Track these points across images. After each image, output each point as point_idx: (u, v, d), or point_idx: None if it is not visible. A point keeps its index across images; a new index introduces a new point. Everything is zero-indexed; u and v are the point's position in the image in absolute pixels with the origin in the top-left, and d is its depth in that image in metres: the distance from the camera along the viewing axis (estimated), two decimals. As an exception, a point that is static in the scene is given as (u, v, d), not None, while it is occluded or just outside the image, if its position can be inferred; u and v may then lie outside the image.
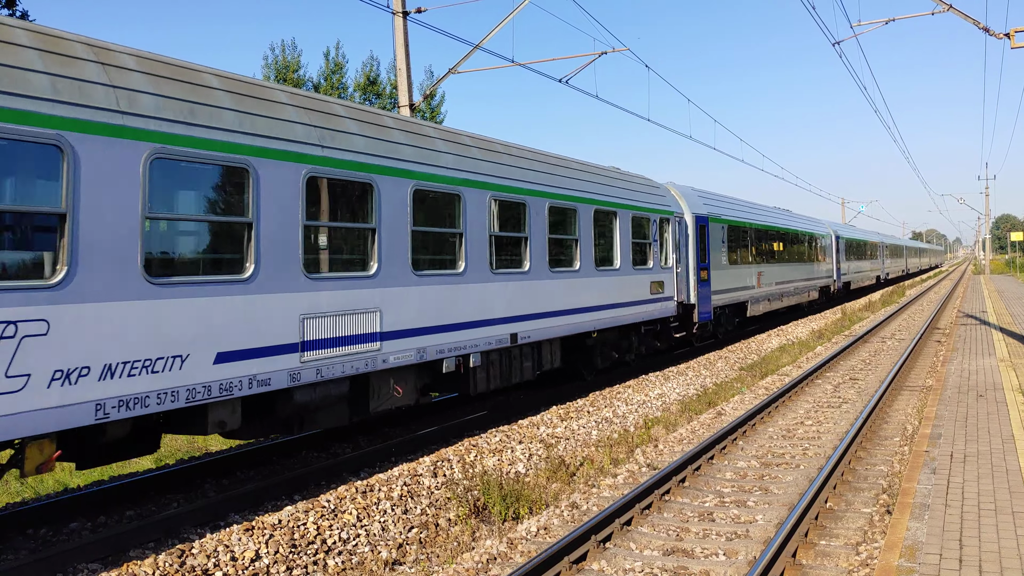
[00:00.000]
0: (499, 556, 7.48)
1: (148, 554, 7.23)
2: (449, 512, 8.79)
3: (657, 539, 7.77)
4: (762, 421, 13.16)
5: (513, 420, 13.12)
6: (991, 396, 12.80)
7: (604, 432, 12.53)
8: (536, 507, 8.97)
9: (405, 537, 8.13)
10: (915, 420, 12.76)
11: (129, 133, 7.03)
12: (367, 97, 37.31)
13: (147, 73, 7.47)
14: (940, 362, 18.19)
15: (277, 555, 7.36)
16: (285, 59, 35.78)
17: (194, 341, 7.47)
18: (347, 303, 9.26)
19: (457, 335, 11.12)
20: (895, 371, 16.92)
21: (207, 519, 8.19)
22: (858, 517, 8.21)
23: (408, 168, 10.31)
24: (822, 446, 11.44)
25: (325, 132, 9.19)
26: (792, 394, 15.42)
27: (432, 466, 10.18)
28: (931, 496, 7.69)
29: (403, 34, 17.78)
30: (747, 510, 8.66)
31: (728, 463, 10.69)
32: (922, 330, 25.77)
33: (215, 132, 7.79)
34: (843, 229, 45.56)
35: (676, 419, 13.56)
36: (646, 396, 15.51)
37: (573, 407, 14.24)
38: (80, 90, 6.72)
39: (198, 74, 8.07)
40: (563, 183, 14.29)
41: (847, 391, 16.02)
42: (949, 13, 17.35)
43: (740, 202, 27.04)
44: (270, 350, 8.26)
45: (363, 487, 9.24)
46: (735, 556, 7.35)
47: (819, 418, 13.42)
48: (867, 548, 7.30)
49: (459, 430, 12.26)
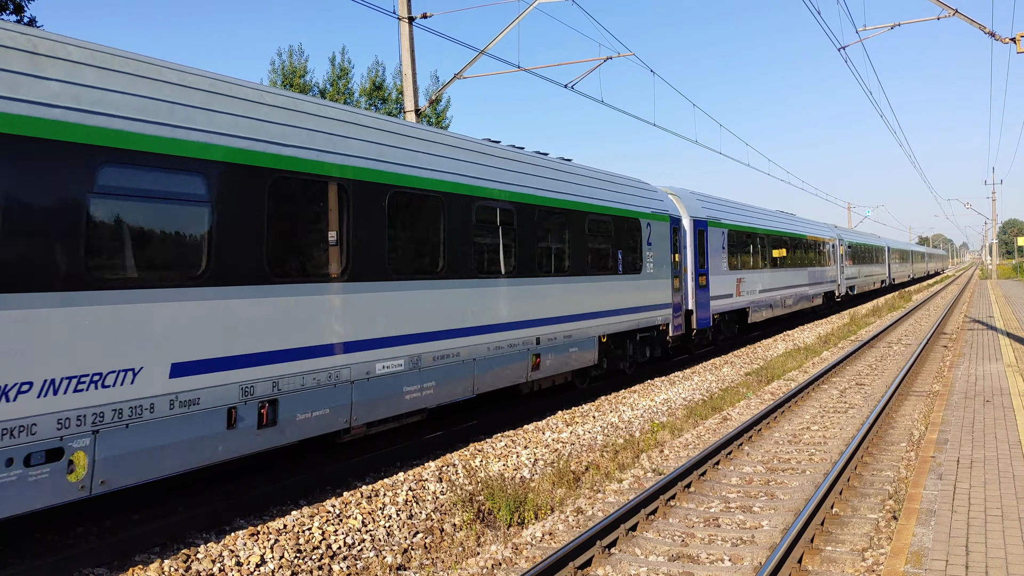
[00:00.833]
0: (504, 561, 7.48)
1: (153, 559, 7.24)
2: (454, 517, 8.79)
3: (663, 545, 7.76)
4: (768, 426, 13.13)
5: (519, 425, 13.11)
6: (998, 401, 12.75)
7: (610, 437, 12.52)
8: (541, 512, 8.96)
9: (410, 542, 8.13)
10: (922, 425, 12.72)
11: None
12: (372, 102, 37.41)
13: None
14: (947, 367, 18.13)
15: (282, 560, 7.36)
16: (292, 64, 35.93)
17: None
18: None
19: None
20: (902, 376, 16.87)
21: (212, 524, 8.19)
22: (864, 523, 8.18)
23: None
24: (828, 451, 11.40)
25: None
26: (798, 399, 15.39)
27: (437, 471, 10.19)
28: (937, 502, 7.67)
29: (409, 39, 17.83)
30: (753, 516, 8.64)
31: (734, 468, 10.67)
32: (929, 335, 25.69)
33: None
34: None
35: (682, 424, 13.53)
36: (652, 401, 15.49)
37: (579, 412, 14.23)
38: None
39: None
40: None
41: (853, 396, 15.97)
42: (955, 18, 17.34)
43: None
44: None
45: (368, 492, 9.24)
46: (741, 562, 7.33)
47: (825, 423, 13.39)
48: (873, 554, 7.28)
49: (464, 435, 12.26)
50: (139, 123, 7.05)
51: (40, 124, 6.30)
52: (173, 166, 7.30)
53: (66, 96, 6.53)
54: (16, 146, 6.15)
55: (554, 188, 14.11)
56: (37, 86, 6.36)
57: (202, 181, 7.58)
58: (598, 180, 16.13)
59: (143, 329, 6.96)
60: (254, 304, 8.00)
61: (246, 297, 7.92)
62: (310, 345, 8.64)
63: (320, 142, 9.04)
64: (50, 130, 6.36)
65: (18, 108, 6.19)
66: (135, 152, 6.98)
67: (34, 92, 6.33)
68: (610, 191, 16.37)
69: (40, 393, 6.18)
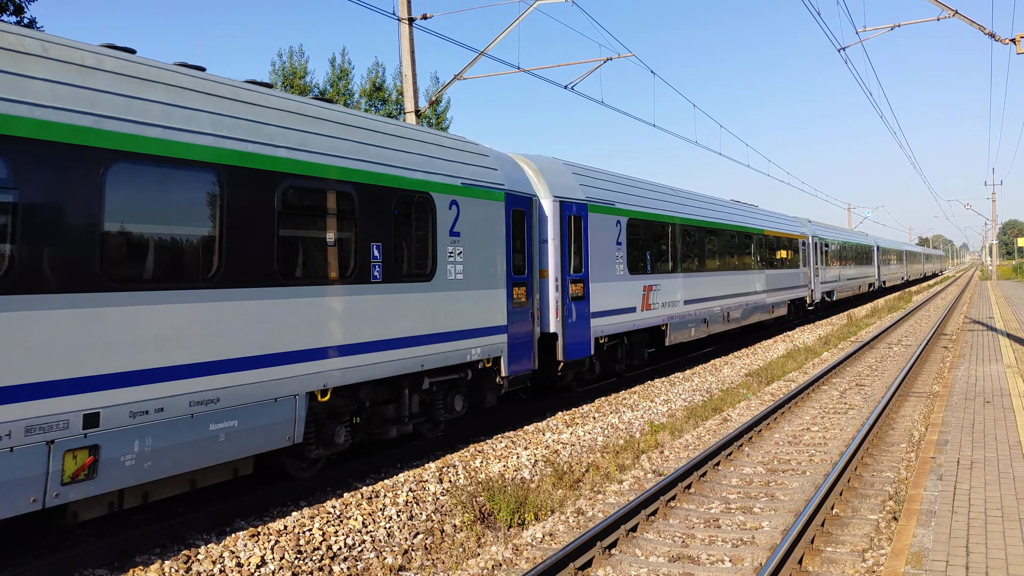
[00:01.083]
0: (505, 562, 7.48)
1: (154, 560, 7.24)
2: (455, 518, 8.79)
3: (663, 545, 7.76)
4: (768, 427, 13.13)
5: (519, 426, 13.11)
6: (998, 402, 12.76)
7: (610, 438, 12.52)
8: (542, 513, 8.97)
9: (411, 543, 8.13)
10: (922, 426, 12.72)
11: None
12: (373, 103, 37.42)
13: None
14: (947, 368, 18.13)
15: (283, 561, 7.37)
16: (292, 65, 35.93)
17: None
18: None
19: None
20: (902, 377, 16.87)
21: (213, 525, 8.20)
22: (864, 524, 8.19)
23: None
24: (828, 452, 11.41)
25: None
26: (798, 400, 15.39)
27: (438, 472, 10.19)
28: (938, 503, 7.67)
29: (409, 40, 17.84)
30: (753, 517, 8.65)
31: (734, 469, 10.67)
32: (928, 336, 25.70)
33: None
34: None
35: (682, 425, 13.54)
36: (652, 402, 15.50)
37: (579, 413, 14.23)
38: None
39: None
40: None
41: (853, 397, 15.98)
42: (955, 19, 17.35)
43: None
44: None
45: (369, 493, 9.25)
46: (741, 563, 7.34)
47: (825, 424, 13.39)
48: (873, 555, 7.28)
49: (464, 436, 12.26)
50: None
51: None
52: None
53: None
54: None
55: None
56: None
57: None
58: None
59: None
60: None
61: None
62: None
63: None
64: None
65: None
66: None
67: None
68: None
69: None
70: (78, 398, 6.59)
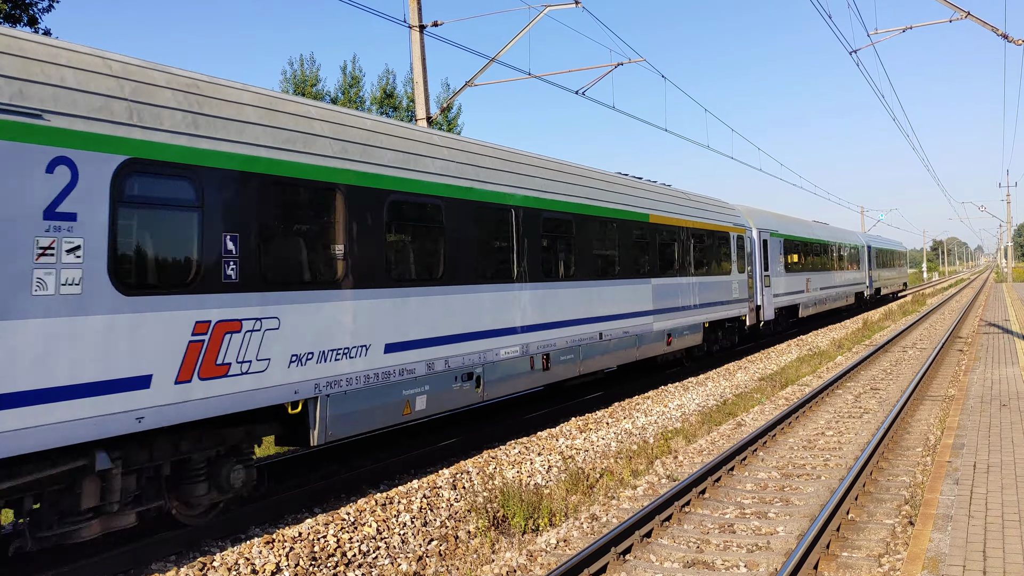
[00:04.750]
0: (519, 568, 7.48)
1: (169, 567, 7.28)
2: (469, 524, 8.80)
3: (677, 551, 7.74)
4: (782, 432, 13.07)
5: (532, 432, 13.11)
6: (1014, 405, 12.66)
7: (623, 444, 12.50)
8: (556, 519, 8.95)
9: (425, 549, 8.14)
10: (937, 430, 12.63)
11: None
12: (384, 110, 37.55)
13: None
14: (962, 371, 18.01)
15: (297, 568, 7.39)
16: (304, 73, 36.13)
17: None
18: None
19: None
20: (917, 380, 16.76)
21: (228, 532, 8.24)
22: (880, 528, 8.14)
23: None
24: (843, 457, 11.35)
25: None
26: (813, 404, 15.32)
27: (451, 478, 10.19)
28: (954, 507, 7.62)
29: (420, 48, 17.91)
30: (768, 522, 8.61)
31: (748, 474, 10.63)
32: (944, 339, 25.53)
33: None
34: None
35: (696, 430, 13.49)
36: (665, 407, 15.46)
37: (592, 419, 14.21)
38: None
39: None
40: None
41: (868, 401, 15.88)
42: (967, 20, 17.28)
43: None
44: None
45: (383, 499, 9.26)
46: (756, 568, 7.30)
47: (840, 428, 13.32)
48: (889, 560, 7.23)
49: (478, 442, 12.27)
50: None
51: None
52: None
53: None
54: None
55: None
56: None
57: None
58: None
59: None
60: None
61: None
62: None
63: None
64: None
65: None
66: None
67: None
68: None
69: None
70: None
